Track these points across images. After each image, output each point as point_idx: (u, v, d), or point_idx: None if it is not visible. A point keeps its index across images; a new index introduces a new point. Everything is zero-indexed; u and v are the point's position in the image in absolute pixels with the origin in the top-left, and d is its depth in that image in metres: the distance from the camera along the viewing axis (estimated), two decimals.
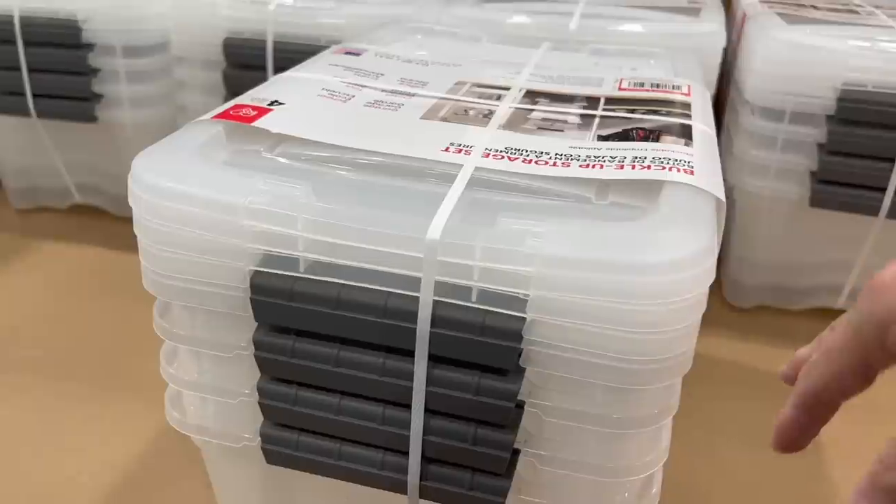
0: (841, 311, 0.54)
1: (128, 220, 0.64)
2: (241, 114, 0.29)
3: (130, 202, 0.26)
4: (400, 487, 0.26)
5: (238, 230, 0.24)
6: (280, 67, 0.52)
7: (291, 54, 0.52)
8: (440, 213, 0.24)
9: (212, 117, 0.29)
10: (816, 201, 0.49)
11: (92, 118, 0.58)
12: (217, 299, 0.25)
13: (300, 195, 0.24)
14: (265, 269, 0.24)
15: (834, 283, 0.54)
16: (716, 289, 0.58)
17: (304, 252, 0.24)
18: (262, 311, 0.25)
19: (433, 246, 0.23)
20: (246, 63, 0.54)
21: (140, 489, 0.39)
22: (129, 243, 0.61)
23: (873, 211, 0.48)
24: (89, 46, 0.57)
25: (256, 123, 0.28)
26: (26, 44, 0.57)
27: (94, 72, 0.57)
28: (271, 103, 0.30)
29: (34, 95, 0.58)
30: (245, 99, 0.31)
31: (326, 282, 0.24)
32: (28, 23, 0.56)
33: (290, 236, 0.24)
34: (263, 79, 0.53)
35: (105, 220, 0.65)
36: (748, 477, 0.42)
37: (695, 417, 0.45)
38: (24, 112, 0.59)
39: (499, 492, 0.25)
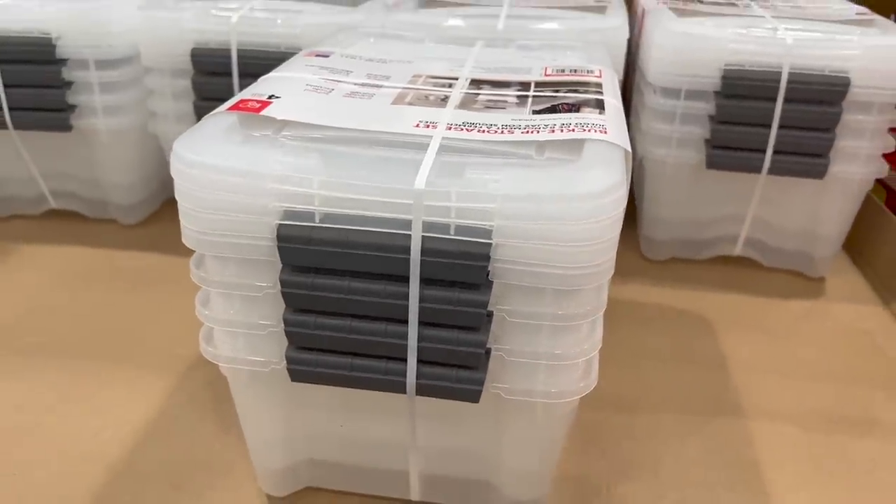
0: (738, 258, 0.65)
1: (104, 222, 0.71)
2: (248, 106, 0.36)
3: (173, 174, 0.32)
4: (400, 388, 0.34)
5: (265, 192, 0.31)
6: (244, 73, 0.59)
7: (254, 60, 0.59)
8: (422, 169, 0.31)
9: (226, 109, 0.36)
10: (711, 164, 0.59)
11: (67, 127, 0.63)
12: (249, 249, 0.32)
13: (313, 162, 0.32)
14: (288, 222, 0.31)
15: (731, 234, 0.64)
16: (633, 246, 0.67)
17: (320, 206, 0.31)
18: (287, 255, 0.32)
19: (420, 194, 0.30)
20: (213, 70, 0.60)
21: (162, 439, 0.45)
22: (108, 242, 0.67)
23: (757, 169, 0.58)
24: (63, 61, 0.62)
25: (264, 112, 0.35)
26: (2, 62, 0.61)
27: (68, 84, 0.62)
28: (269, 97, 0.37)
29: (11, 109, 0.63)
30: (246, 95, 0.38)
31: (338, 228, 0.31)
32: (3, 41, 0.61)
33: (307, 194, 0.31)
34: (230, 84, 0.60)
35: (81, 223, 0.70)
36: (667, 389, 0.51)
37: (623, 347, 0.54)
38: (0, 126, 0.63)
39: (477, 382, 0.33)
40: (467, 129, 0.35)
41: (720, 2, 0.69)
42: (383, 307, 0.32)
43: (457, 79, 0.43)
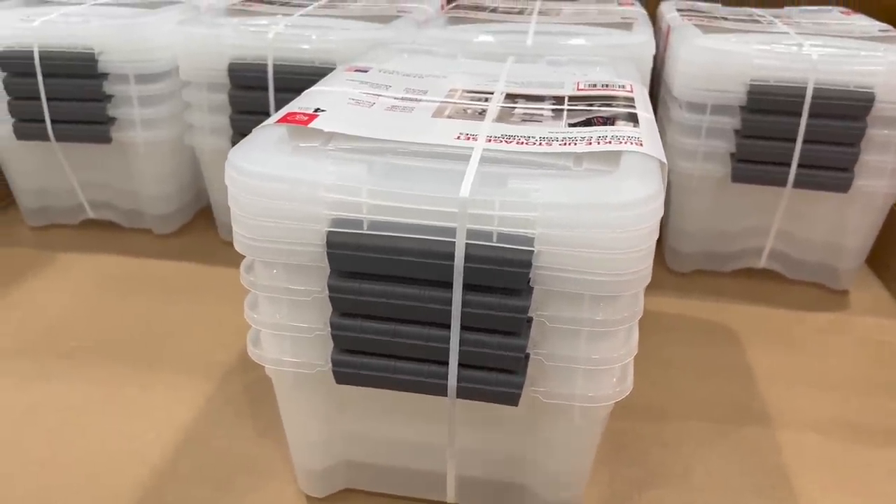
0: (763, 271, 0.65)
1: (140, 231, 0.73)
2: (296, 118, 0.38)
3: (227, 182, 0.34)
4: (441, 391, 0.35)
5: (316, 200, 0.33)
6: (280, 87, 0.61)
7: (290, 75, 0.61)
8: (466, 179, 0.33)
9: (275, 122, 0.37)
10: (737, 178, 0.60)
11: (107, 140, 0.65)
12: (298, 255, 0.34)
13: (361, 172, 0.33)
14: (337, 229, 0.33)
15: (755, 247, 0.65)
16: (658, 258, 0.68)
17: (368, 214, 0.33)
18: (336, 260, 0.33)
19: (464, 203, 0.32)
20: (249, 85, 0.61)
21: (203, 441, 0.47)
22: (144, 251, 0.69)
23: (782, 182, 0.59)
24: (104, 75, 0.64)
25: (312, 125, 0.37)
26: (45, 75, 0.63)
27: (109, 98, 0.64)
28: (316, 110, 0.39)
29: (53, 121, 0.65)
30: (293, 108, 0.39)
31: (385, 235, 0.32)
32: (47, 56, 0.63)
33: (356, 203, 0.32)
34: (265, 97, 0.62)
35: (117, 233, 0.72)
36: (694, 398, 0.52)
37: (650, 357, 0.55)
38: (43, 137, 0.66)
39: (517, 386, 0.34)
40: (506, 141, 0.36)
41: (744, 18, 0.70)
42: (427, 312, 0.33)
43: (492, 93, 0.44)
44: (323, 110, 0.39)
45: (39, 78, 0.63)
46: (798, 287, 0.66)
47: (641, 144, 0.35)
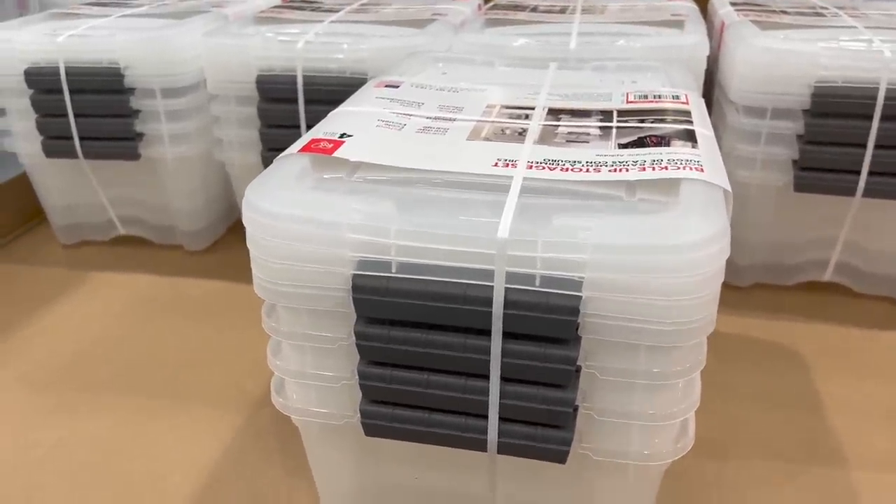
0: (828, 284, 0.61)
1: (171, 248, 0.71)
2: (320, 147, 0.35)
3: (245, 223, 0.31)
4: (480, 446, 0.32)
5: (341, 242, 0.30)
6: (310, 99, 0.58)
7: (320, 86, 0.58)
8: (504, 216, 0.29)
9: (297, 151, 0.34)
10: (800, 187, 0.55)
11: (135, 156, 0.63)
12: (322, 300, 0.31)
13: (389, 210, 0.30)
14: (364, 272, 0.30)
15: (820, 259, 0.60)
16: None
17: (396, 256, 0.29)
18: (362, 306, 0.30)
19: (503, 243, 0.28)
20: (278, 97, 0.59)
21: (228, 482, 0.44)
22: (174, 268, 0.67)
23: (850, 192, 0.54)
24: (131, 90, 0.62)
25: (337, 154, 0.34)
26: (72, 91, 0.62)
27: (136, 113, 0.62)
28: (341, 136, 0.36)
29: (81, 138, 0.63)
30: (318, 133, 0.36)
31: (415, 279, 0.29)
32: (73, 72, 0.61)
33: (384, 244, 0.29)
34: (295, 110, 0.59)
35: (148, 249, 0.70)
36: (758, 432, 0.47)
37: (710, 384, 0.51)
38: (71, 155, 0.64)
39: (564, 442, 0.31)
40: (549, 168, 0.33)
41: (805, 11, 0.65)
42: (463, 361, 0.30)
43: (533, 108, 0.41)
44: (349, 135, 0.36)
45: (66, 94, 0.62)
46: (867, 302, 0.61)
47: (702, 170, 0.32)
